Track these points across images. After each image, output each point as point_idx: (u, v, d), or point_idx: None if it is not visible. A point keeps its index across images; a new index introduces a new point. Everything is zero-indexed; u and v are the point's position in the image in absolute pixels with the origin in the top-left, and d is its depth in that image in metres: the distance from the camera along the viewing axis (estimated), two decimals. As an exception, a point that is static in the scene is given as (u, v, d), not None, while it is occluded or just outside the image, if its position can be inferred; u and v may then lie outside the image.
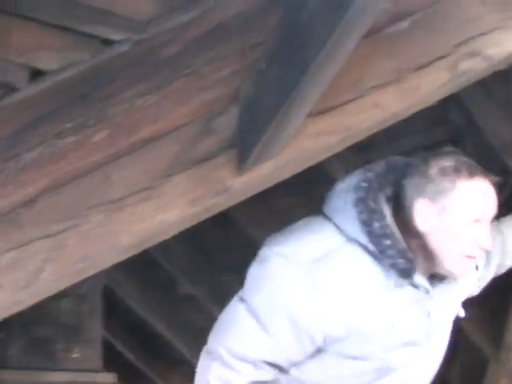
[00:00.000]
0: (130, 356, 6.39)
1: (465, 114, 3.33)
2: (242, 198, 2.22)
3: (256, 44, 2.05)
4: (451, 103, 3.35)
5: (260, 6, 2.10)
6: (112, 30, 2.10)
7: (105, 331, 5.35)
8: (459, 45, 2.12)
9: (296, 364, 2.15)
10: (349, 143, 2.17)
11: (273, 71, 1.94)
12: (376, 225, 2.04)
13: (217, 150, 2.05)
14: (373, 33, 2.02)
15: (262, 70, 2.00)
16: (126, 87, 2.10)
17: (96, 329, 5.00)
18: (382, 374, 2.17)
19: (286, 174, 2.19)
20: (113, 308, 5.49)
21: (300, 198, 4.25)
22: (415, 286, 2.10)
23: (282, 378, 2.17)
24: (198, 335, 5.84)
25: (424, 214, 2.05)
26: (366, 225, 2.05)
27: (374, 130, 2.17)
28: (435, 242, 2.07)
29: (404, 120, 2.30)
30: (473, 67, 2.14)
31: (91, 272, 2.14)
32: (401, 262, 2.03)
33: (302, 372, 2.17)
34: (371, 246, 2.05)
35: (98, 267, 2.16)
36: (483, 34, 2.16)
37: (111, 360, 5.29)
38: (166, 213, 2.05)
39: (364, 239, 2.06)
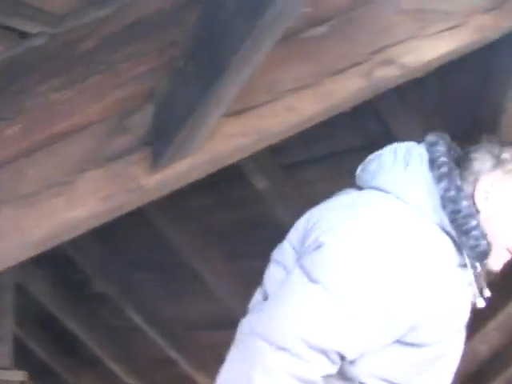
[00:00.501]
0: (42, 354, 6.28)
1: (380, 120, 3.38)
2: (156, 196, 2.21)
3: (174, 41, 2.05)
4: (366, 109, 3.39)
5: (179, 3, 2.09)
6: (28, 22, 2.07)
7: (16, 328, 5.25)
8: (375, 52, 2.14)
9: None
10: (263, 145, 2.18)
11: (189, 70, 1.93)
12: (464, 204, 1.96)
13: (131, 147, 2.04)
14: (290, 36, 2.03)
15: (178, 68, 1.99)
16: (41, 81, 2.07)
17: (7, 326, 4.90)
18: (435, 362, 2.06)
19: (201, 173, 2.19)
20: (25, 305, 5.39)
21: (216, 198, 4.24)
22: (475, 268, 2.03)
23: None
24: (111, 333, 5.82)
25: (486, 192, 2.02)
26: (454, 203, 1.97)
27: (289, 134, 2.18)
28: (485, 224, 2.00)
29: (320, 124, 2.32)
30: (387, 75, 2.16)
31: (1, 268, 2.11)
32: (483, 243, 1.97)
33: (355, 365, 1.97)
34: (452, 225, 1.97)
35: (8, 263, 2.12)
36: (399, 42, 2.19)
37: (23, 358, 5.20)
38: (77, 209, 2.02)
39: (444, 217, 1.97)
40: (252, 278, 4.65)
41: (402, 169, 2.07)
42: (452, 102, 3.14)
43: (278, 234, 4.09)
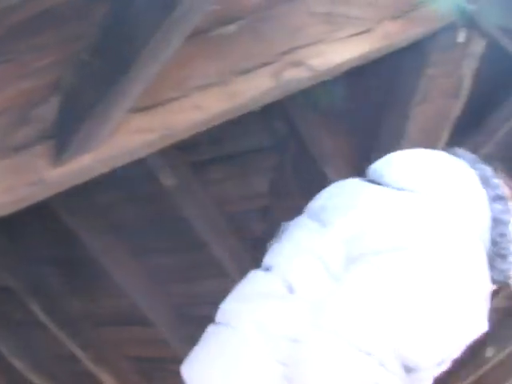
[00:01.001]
0: None
1: (288, 121, 3.41)
2: (59, 189, 2.17)
3: (81, 34, 2.00)
4: (276, 110, 3.42)
5: (88, -5, 2.06)
6: None
7: None
8: (284, 53, 2.15)
9: None
10: (169, 142, 2.17)
11: (96, 64, 1.91)
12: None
13: (34, 139, 2.00)
14: (199, 34, 2.02)
15: (85, 62, 1.96)
16: None
17: None
18: None
19: (105, 168, 2.16)
20: None
21: (124, 194, 4.21)
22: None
23: None
24: (14, 329, 5.71)
25: None
26: (504, 226, 1.92)
27: (195, 131, 2.17)
28: None
29: (230, 123, 2.32)
30: (296, 76, 2.18)
31: None
32: None
33: None
34: (493, 247, 1.92)
35: None
36: (309, 44, 2.20)
37: None
38: (-23, 201, 1.98)
39: (488, 237, 1.91)
40: (159, 275, 4.65)
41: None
42: (359, 106, 3.18)
43: (185, 230, 4.11)
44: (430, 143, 2.89)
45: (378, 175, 2.05)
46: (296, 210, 3.67)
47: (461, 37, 2.59)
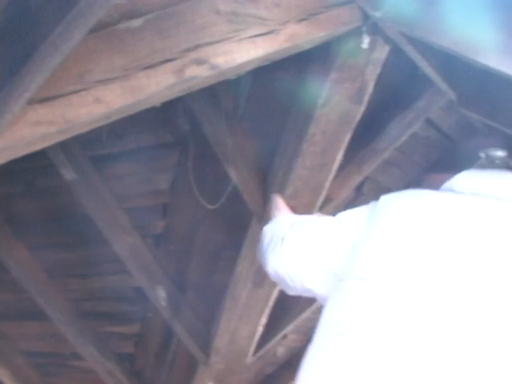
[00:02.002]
0: None
1: (192, 120, 3.40)
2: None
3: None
4: (180, 107, 3.41)
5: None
6: None
7: None
8: (188, 50, 2.14)
9: None
10: (69, 135, 2.13)
11: (-4, 53, 1.86)
12: None
13: None
14: (103, 27, 2.00)
15: (-17, 51, 1.91)
16: None
17: None
18: None
19: (3, 159, 2.11)
20: None
21: (23, 187, 4.13)
22: None
23: None
24: None
25: None
26: None
27: (96, 124, 2.14)
28: None
29: (132, 119, 2.30)
30: (199, 74, 2.17)
31: None
32: None
33: None
34: None
35: None
36: (213, 42, 2.20)
37: None
38: None
39: None
40: (57, 270, 4.58)
41: None
42: (264, 107, 3.20)
43: (85, 225, 4.06)
44: (332, 146, 2.93)
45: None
46: (196, 208, 3.68)
47: (365, 43, 2.63)
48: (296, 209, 3.08)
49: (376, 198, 2.00)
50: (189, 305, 4.10)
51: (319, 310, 5.22)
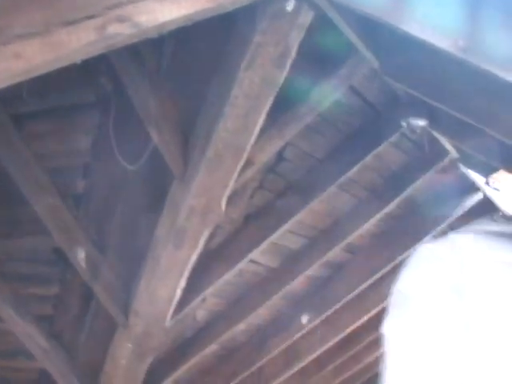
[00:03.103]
0: None
1: (115, 79, 3.37)
2: None
3: None
4: (103, 67, 3.37)
5: None
6: None
7: None
8: (110, 8, 2.11)
9: None
10: (-13, 91, 2.09)
11: None
12: None
13: None
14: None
15: None
16: None
17: None
18: None
19: None
20: None
21: None
22: None
23: None
24: None
25: None
26: None
27: (16, 80, 2.10)
28: None
29: (53, 77, 2.26)
30: (121, 32, 2.14)
31: None
32: None
33: None
34: None
35: None
36: (135, 1, 2.17)
37: None
38: None
39: None
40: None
41: None
42: (187, 69, 3.19)
43: (3, 185, 3.99)
44: (254, 109, 2.94)
45: None
46: (117, 169, 3.66)
47: (289, 6, 2.64)
48: (217, 171, 3.09)
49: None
50: (108, 266, 4.08)
51: (240, 273, 5.31)
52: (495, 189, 5.51)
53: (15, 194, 3.99)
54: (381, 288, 6.43)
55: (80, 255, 4.02)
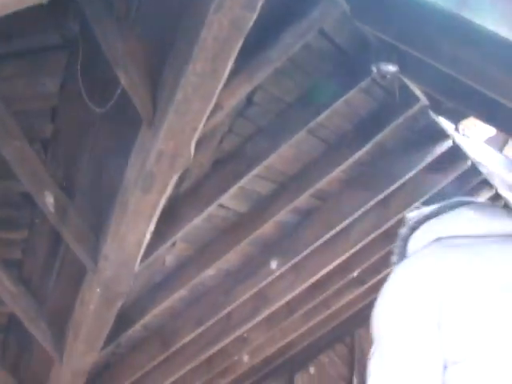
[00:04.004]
0: None
1: (83, 22, 3.31)
2: None
3: None
4: (71, 9, 3.31)
5: None
6: None
7: None
8: None
9: None
10: None
11: None
12: None
13: None
14: None
15: None
16: None
17: None
18: None
19: None
20: None
21: None
22: None
23: None
24: None
25: None
26: None
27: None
28: None
29: (20, 19, 2.22)
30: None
31: None
32: None
33: None
34: None
35: None
36: None
37: None
38: None
39: None
40: None
41: None
42: (156, 11, 3.14)
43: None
44: (223, 52, 2.91)
45: None
46: (85, 112, 3.62)
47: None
48: (186, 115, 3.07)
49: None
50: (77, 211, 4.07)
51: (209, 219, 5.31)
52: (465, 136, 5.54)
53: (-19, 139, 3.94)
54: (350, 234, 6.50)
55: (48, 200, 3.99)
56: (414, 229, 2.07)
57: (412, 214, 2.14)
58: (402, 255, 2.06)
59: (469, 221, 1.97)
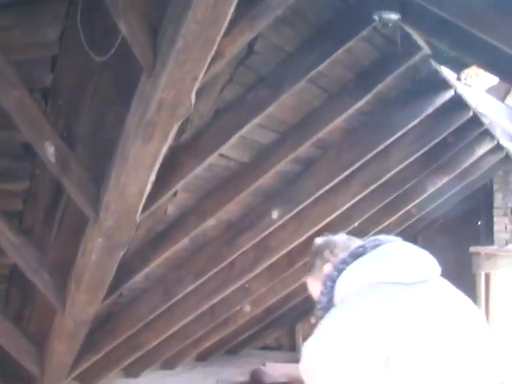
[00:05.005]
0: None
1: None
2: None
3: None
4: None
5: None
6: None
7: None
8: None
9: None
10: None
11: None
12: None
13: None
14: None
15: None
16: None
17: None
18: None
19: None
20: None
21: None
22: None
23: None
24: None
25: None
26: None
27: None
28: None
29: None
30: None
31: None
32: None
33: None
34: None
35: None
36: None
37: None
38: None
39: None
40: None
41: None
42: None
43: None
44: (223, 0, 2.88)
45: None
46: (85, 61, 3.60)
47: None
48: (186, 63, 3.05)
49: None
50: (78, 161, 4.06)
51: (210, 168, 5.30)
52: (467, 85, 5.51)
53: (-20, 89, 3.92)
54: (350, 185, 6.51)
55: (49, 150, 3.99)
56: (341, 270, 2.22)
57: (319, 241, 2.41)
58: (331, 295, 2.23)
59: (397, 268, 2.16)
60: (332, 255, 2.35)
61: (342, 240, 2.42)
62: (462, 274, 9.47)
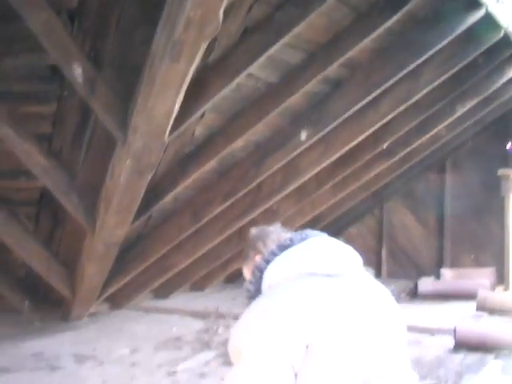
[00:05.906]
0: None
1: None
2: None
3: None
4: None
5: None
6: None
7: None
8: None
9: None
10: None
11: None
12: None
13: None
14: None
15: None
16: None
17: None
18: None
19: None
20: None
21: None
22: None
23: None
24: None
25: None
26: None
27: None
28: None
29: None
30: None
31: None
32: None
33: None
34: None
35: None
36: None
37: None
38: None
39: None
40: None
41: None
42: None
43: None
44: None
45: None
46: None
47: None
48: None
49: None
50: (106, 82, 4.05)
51: (238, 88, 5.23)
52: (499, 2, 5.39)
53: (7, 12, 3.89)
54: (379, 106, 6.44)
55: (76, 71, 3.97)
56: (269, 261, 2.29)
57: (254, 232, 2.45)
58: (259, 284, 2.30)
59: (321, 260, 2.24)
60: (264, 246, 2.39)
61: (276, 232, 2.45)
62: (490, 197, 9.46)
